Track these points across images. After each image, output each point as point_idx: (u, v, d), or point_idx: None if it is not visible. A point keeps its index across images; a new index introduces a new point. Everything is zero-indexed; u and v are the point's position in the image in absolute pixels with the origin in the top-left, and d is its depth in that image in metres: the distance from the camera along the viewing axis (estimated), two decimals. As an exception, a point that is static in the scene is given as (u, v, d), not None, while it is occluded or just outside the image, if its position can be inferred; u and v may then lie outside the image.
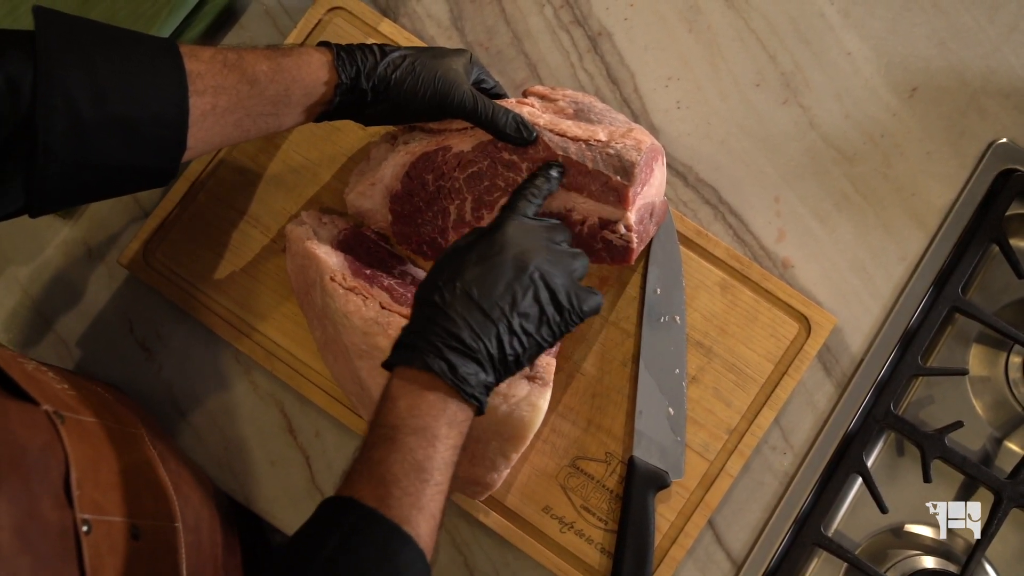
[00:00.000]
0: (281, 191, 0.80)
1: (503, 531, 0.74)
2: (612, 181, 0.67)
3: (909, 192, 0.80)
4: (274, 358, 0.77)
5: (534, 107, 0.71)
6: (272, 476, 0.77)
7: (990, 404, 0.79)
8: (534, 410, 0.67)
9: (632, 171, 0.67)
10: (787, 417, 0.77)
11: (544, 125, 0.69)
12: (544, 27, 0.84)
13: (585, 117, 0.70)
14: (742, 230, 0.80)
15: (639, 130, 0.69)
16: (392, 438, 0.55)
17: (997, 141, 0.80)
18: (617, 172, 0.67)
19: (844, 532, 0.77)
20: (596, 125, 0.69)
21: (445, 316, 0.57)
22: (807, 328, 0.76)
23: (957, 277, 0.78)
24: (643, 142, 0.68)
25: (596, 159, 0.68)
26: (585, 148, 0.68)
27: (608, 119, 0.71)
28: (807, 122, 0.82)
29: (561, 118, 0.70)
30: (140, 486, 0.59)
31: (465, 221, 0.73)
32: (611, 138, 0.68)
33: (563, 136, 0.68)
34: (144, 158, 0.60)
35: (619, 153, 0.67)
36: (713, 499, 0.74)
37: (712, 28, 0.84)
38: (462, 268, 0.59)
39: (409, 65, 0.67)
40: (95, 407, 0.61)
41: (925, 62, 0.83)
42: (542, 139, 0.68)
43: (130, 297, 0.80)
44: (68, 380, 0.64)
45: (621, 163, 0.67)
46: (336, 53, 0.66)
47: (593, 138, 0.68)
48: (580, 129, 0.69)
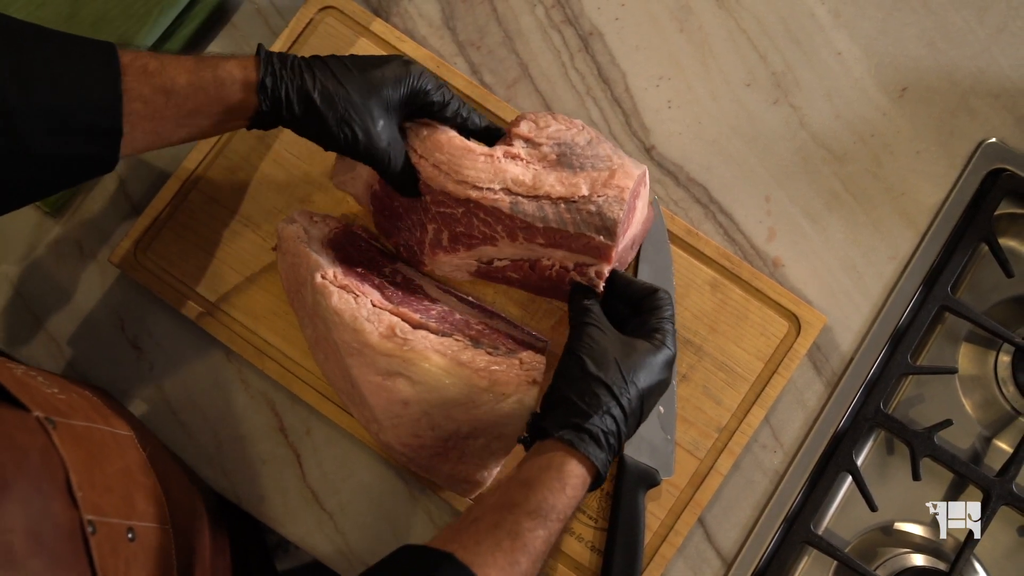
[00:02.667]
0: (272, 190, 0.80)
1: (494, 529, 0.74)
2: (594, 241, 0.68)
3: (899, 191, 0.81)
4: (265, 357, 0.77)
5: (518, 159, 0.69)
6: (263, 474, 0.77)
7: (979, 403, 0.80)
8: (522, 407, 0.67)
9: (615, 230, 0.67)
10: (777, 415, 0.77)
11: (525, 192, 0.68)
12: (535, 27, 0.84)
13: (568, 162, 0.69)
14: (732, 229, 0.80)
15: (621, 171, 0.68)
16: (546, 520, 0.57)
17: (986, 141, 0.81)
18: (599, 232, 0.67)
19: (834, 530, 0.77)
20: (578, 173, 0.68)
21: (618, 410, 0.62)
22: (797, 327, 0.76)
23: (947, 276, 0.78)
24: (625, 188, 0.67)
25: (577, 222, 0.67)
26: (565, 210, 0.68)
27: (591, 159, 0.69)
28: (797, 122, 0.82)
29: (544, 168, 0.69)
30: (132, 488, 0.59)
31: (442, 246, 0.73)
32: (592, 190, 0.67)
33: (544, 200, 0.68)
34: (78, 146, 0.60)
35: (600, 210, 0.67)
36: (703, 497, 0.74)
37: (703, 28, 0.84)
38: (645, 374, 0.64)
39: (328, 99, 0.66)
40: (84, 411, 0.61)
41: (915, 62, 0.83)
42: (519, 213, 0.68)
43: (121, 296, 0.80)
44: (57, 383, 0.64)
45: (603, 221, 0.67)
46: (260, 80, 0.64)
47: (575, 194, 0.68)
48: (562, 185, 0.68)
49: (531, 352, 0.69)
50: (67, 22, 0.77)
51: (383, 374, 0.67)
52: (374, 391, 0.67)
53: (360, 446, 0.77)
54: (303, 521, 0.76)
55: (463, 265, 0.75)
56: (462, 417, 0.66)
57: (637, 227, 0.72)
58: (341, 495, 0.76)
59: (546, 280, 0.72)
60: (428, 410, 0.66)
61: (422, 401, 0.66)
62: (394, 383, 0.67)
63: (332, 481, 0.76)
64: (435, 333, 0.68)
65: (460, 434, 0.67)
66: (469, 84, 0.81)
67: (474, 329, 0.71)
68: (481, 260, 0.73)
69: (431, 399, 0.66)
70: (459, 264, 0.75)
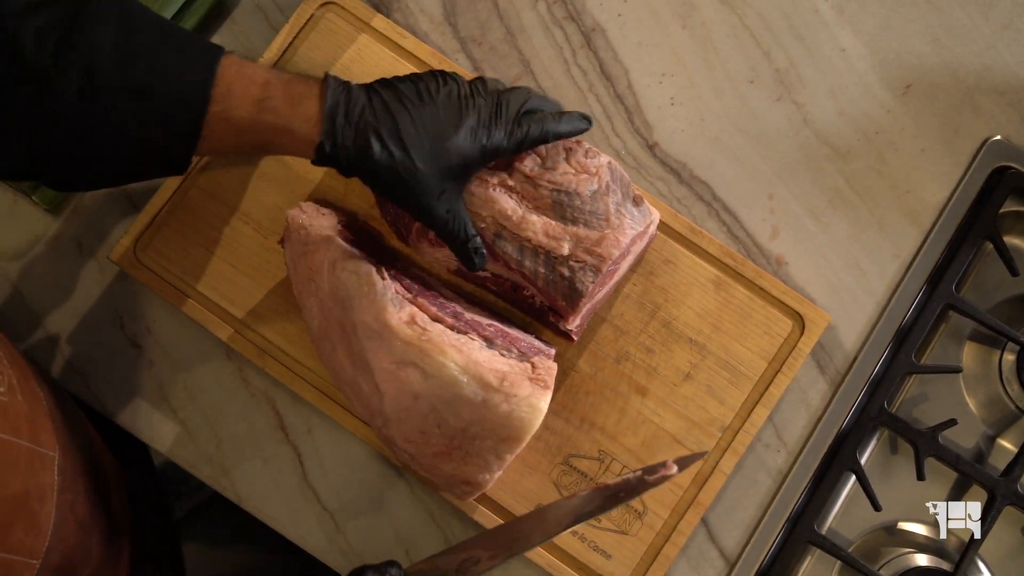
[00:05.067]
0: (274, 188, 0.79)
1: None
2: (557, 303, 0.69)
3: (903, 189, 0.80)
4: (266, 355, 0.76)
5: (513, 194, 0.69)
6: (264, 473, 0.76)
7: (984, 402, 0.79)
8: (534, 411, 0.66)
9: (578, 302, 0.68)
10: (781, 415, 0.76)
11: (514, 225, 0.68)
12: (537, 23, 0.84)
13: (562, 212, 0.68)
14: (736, 227, 0.80)
15: (611, 237, 0.68)
16: None
17: (991, 138, 0.80)
18: (563, 297, 0.68)
19: (837, 530, 0.77)
20: (567, 228, 0.68)
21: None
22: (801, 325, 0.76)
23: (951, 274, 0.78)
24: (607, 259, 0.67)
25: (547, 279, 0.68)
26: (541, 263, 0.68)
27: (587, 216, 0.68)
28: (801, 119, 0.82)
29: (535, 211, 0.69)
30: (16, 518, 0.56)
31: (427, 239, 0.73)
32: (573, 251, 0.68)
33: (525, 242, 0.68)
34: (157, 133, 0.60)
35: (572, 278, 0.67)
36: (706, 497, 0.74)
37: (706, 24, 0.83)
38: None
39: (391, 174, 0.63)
40: (17, 419, 0.58)
41: (919, 59, 0.83)
42: (499, 248, 0.68)
43: (120, 293, 0.79)
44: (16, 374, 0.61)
45: (570, 291, 0.68)
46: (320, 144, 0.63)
47: (555, 250, 0.68)
48: (546, 236, 0.68)
49: (543, 357, 0.69)
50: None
51: (398, 362, 0.66)
52: (386, 378, 0.67)
53: (362, 445, 0.76)
54: (304, 520, 0.76)
55: (445, 261, 0.75)
56: (471, 416, 0.66)
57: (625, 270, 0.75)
58: (342, 494, 0.76)
59: (526, 305, 0.74)
60: (437, 405, 0.66)
61: (432, 396, 0.66)
62: (407, 373, 0.66)
63: (333, 480, 0.76)
64: (452, 329, 0.68)
65: (467, 434, 0.66)
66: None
67: (487, 330, 0.70)
68: None
69: (442, 395, 0.66)
70: (441, 259, 0.75)
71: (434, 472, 0.69)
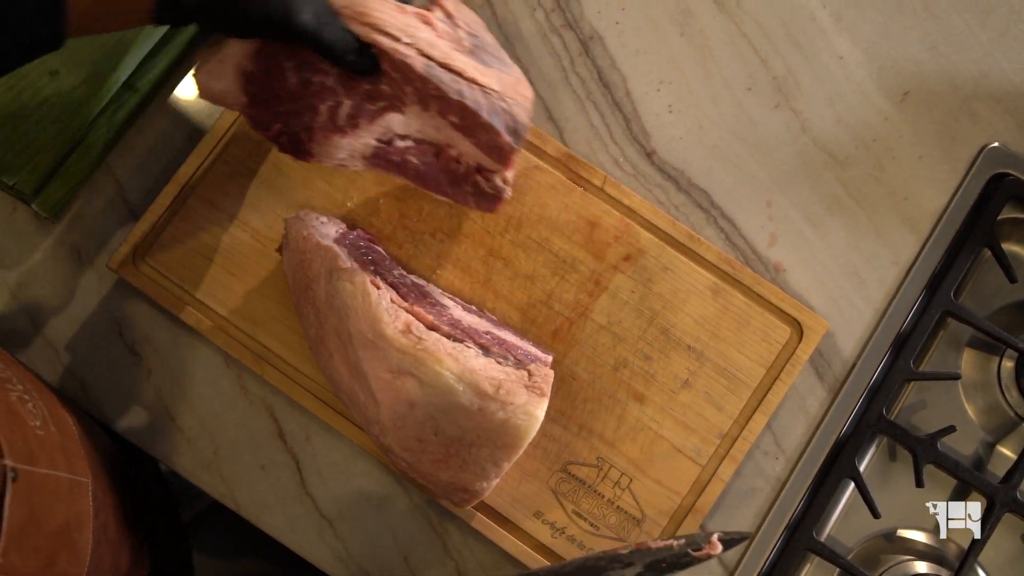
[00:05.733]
0: (272, 195, 0.79)
1: (494, 536, 0.74)
2: (501, 139, 0.66)
3: (901, 196, 0.80)
4: (264, 362, 0.76)
5: (435, 27, 0.66)
6: (262, 481, 0.76)
7: (983, 408, 0.79)
8: (530, 419, 0.66)
9: (523, 135, 0.67)
10: (779, 422, 0.76)
11: (439, 59, 0.64)
12: (536, 30, 0.84)
13: (479, 57, 0.67)
14: (734, 234, 0.80)
15: (524, 82, 0.69)
16: None
17: (989, 145, 0.80)
18: (508, 132, 0.66)
19: (836, 537, 0.77)
20: (488, 69, 0.67)
21: None
22: (799, 332, 0.76)
23: (949, 281, 0.78)
24: (529, 98, 0.68)
25: (491, 110, 0.65)
26: (480, 95, 0.65)
27: (498, 62, 0.68)
28: (799, 126, 0.82)
29: (458, 50, 0.66)
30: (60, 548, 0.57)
31: (337, 126, 0.66)
32: (503, 89, 0.66)
33: (458, 76, 0.65)
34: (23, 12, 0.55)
35: (511, 111, 0.66)
36: (705, 504, 0.73)
37: (704, 32, 0.84)
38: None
39: None
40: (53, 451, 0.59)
41: (917, 66, 0.83)
42: (433, 78, 0.63)
43: (119, 301, 0.79)
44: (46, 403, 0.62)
45: (514, 123, 0.66)
46: None
47: (488, 86, 0.66)
48: (477, 72, 0.65)
49: (539, 365, 0.69)
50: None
51: (394, 371, 0.66)
52: (383, 387, 0.67)
53: (360, 452, 0.76)
54: (302, 528, 0.75)
55: (359, 148, 0.68)
56: (467, 424, 0.66)
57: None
58: (341, 502, 0.76)
59: (448, 174, 0.69)
60: (434, 414, 0.66)
61: (429, 404, 0.66)
62: (403, 382, 0.66)
63: (331, 488, 0.76)
64: (447, 337, 0.68)
65: (464, 441, 0.66)
66: (469, 88, 0.80)
67: (484, 338, 0.70)
68: (382, 139, 0.68)
69: (438, 403, 0.66)
70: (355, 148, 0.68)
71: (432, 480, 0.69)
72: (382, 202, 0.78)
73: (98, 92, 0.77)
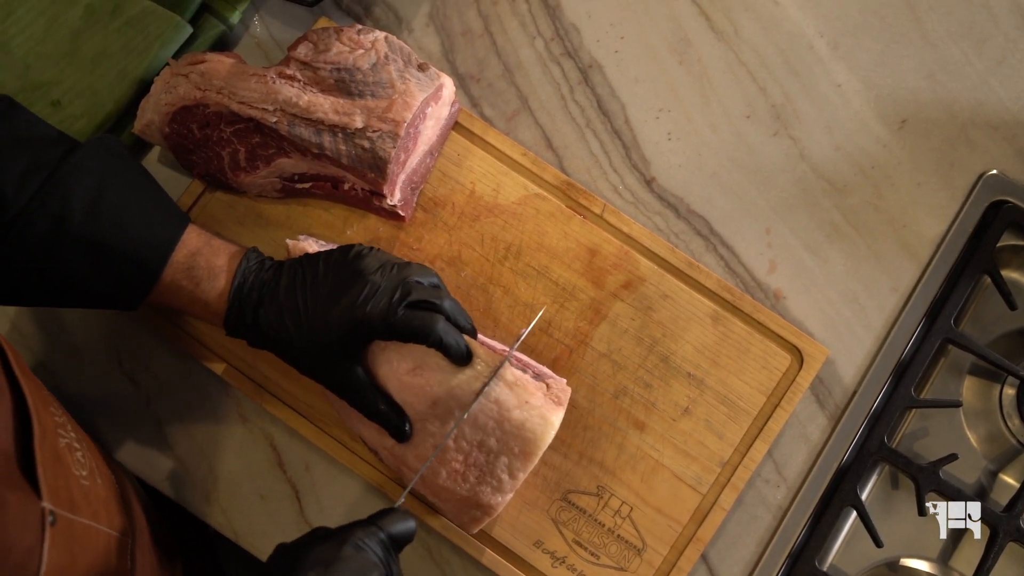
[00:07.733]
0: (270, 225, 0.79)
1: (494, 566, 0.73)
2: (368, 176, 0.70)
3: (900, 223, 0.80)
4: (263, 391, 0.76)
5: (294, 82, 0.71)
6: (261, 510, 0.76)
7: (984, 436, 0.79)
8: (546, 424, 0.66)
9: (385, 169, 0.70)
10: (780, 450, 0.76)
11: (302, 114, 0.70)
12: (535, 59, 0.84)
13: (346, 89, 0.71)
14: (733, 261, 0.80)
15: (400, 102, 0.70)
16: None
17: (987, 173, 0.81)
18: (371, 169, 0.70)
19: (839, 566, 0.76)
20: (356, 102, 0.70)
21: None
22: (799, 360, 0.76)
23: (949, 309, 0.78)
24: (401, 123, 0.69)
25: (351, 155, 0.70)
26: (341, 140, 0.69)
27: (372, 87, 0.71)
28: (797, 154, 0.82)
29: (320, 93, 0.71)
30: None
31: (240, 167, 0.75)
32: (367, 123, 0.70)
33: (318, 125, 0.70)
34: (108, 287, 0.63)
35: (373, 148, 0.69)
36: (706, 533, 0.73)
37: (702, 60, 0.84)
38: None
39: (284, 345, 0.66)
40: (95, 505, 0.59)
41: (914, 94, 0.83)
42: (296, 137, 0.70)
43: (118, 329, 0.79)
44: (92, 457, 0.63)
45: (375, 160, 0.69)
46: (225, 316, 0.67)
47: (349, 126, 0.69)
48: (336, 114, 0.70)
49: (557, 380, 0.69)
50: (68, 58, 0.77)
51: (417, 366, 0.67)
52: (403, 388, 0.67)
53: (359, 482, 0.76)
54: (301, 558, 0.75)
55: (267, 184, 0.77)
56: (486, 422, 0.66)
57: (433, 139, 0.76)
58: (339, 531, 0.75)
59: (353, 200, 0.76)
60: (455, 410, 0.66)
61: (450, 398, 0.66)
62: (426, 376, 0.66)
63: (331, 517, 0.75)
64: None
65: (483, 447, 0.66)
66: (469, 117, 0.81)
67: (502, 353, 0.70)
68: (283, 176, 0.76)
69: (460, 397, 0.66)
70: (263, 184, 0.77)
71: (447, 496, 0.68)
72: (381, 230, 0.78)
73: (99, 122, 0.78)
